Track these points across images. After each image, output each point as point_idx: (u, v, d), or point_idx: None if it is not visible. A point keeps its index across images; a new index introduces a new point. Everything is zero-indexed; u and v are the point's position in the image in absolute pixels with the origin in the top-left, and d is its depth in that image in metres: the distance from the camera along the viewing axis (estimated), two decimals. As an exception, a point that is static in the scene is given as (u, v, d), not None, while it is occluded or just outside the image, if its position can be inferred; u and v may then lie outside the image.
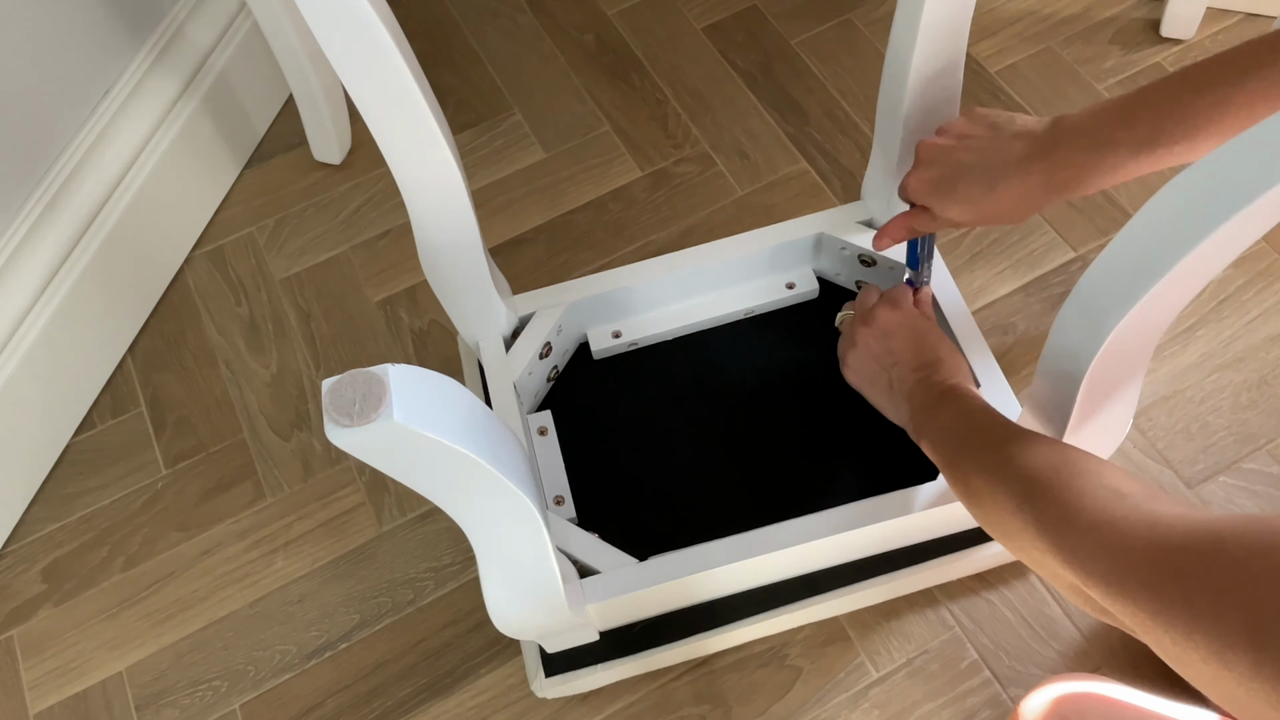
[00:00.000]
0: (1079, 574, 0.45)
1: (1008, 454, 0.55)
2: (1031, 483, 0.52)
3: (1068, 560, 0.46)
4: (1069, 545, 0.47)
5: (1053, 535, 0.48)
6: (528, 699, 0.85)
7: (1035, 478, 0.52)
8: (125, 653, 0.91)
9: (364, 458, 0.47)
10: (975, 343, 0.82)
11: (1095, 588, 0.44)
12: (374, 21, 0.56)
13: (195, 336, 1.08)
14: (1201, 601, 0.37)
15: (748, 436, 0.86)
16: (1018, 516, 0.52)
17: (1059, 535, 0.48)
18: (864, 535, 0.76)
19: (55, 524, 0.97)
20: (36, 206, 0.96)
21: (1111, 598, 0.43)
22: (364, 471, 0.97)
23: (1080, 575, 0.45)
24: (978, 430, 0.62)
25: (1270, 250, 1.02)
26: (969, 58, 1.17)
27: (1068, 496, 0.48)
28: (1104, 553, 0.44)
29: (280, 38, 1.03)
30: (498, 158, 1.18)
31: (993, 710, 0.82)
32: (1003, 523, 0.55)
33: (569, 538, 0.76)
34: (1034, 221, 1.06)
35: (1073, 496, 0.48)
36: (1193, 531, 0.40)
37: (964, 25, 0.71)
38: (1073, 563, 0.46)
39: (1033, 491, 0.51)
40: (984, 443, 0.60)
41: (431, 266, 0.78)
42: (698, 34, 1.26)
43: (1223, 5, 1.18)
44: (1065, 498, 0.49)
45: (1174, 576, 0.39)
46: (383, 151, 0.66)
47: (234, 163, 1.18)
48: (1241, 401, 0.93)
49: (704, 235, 1.09)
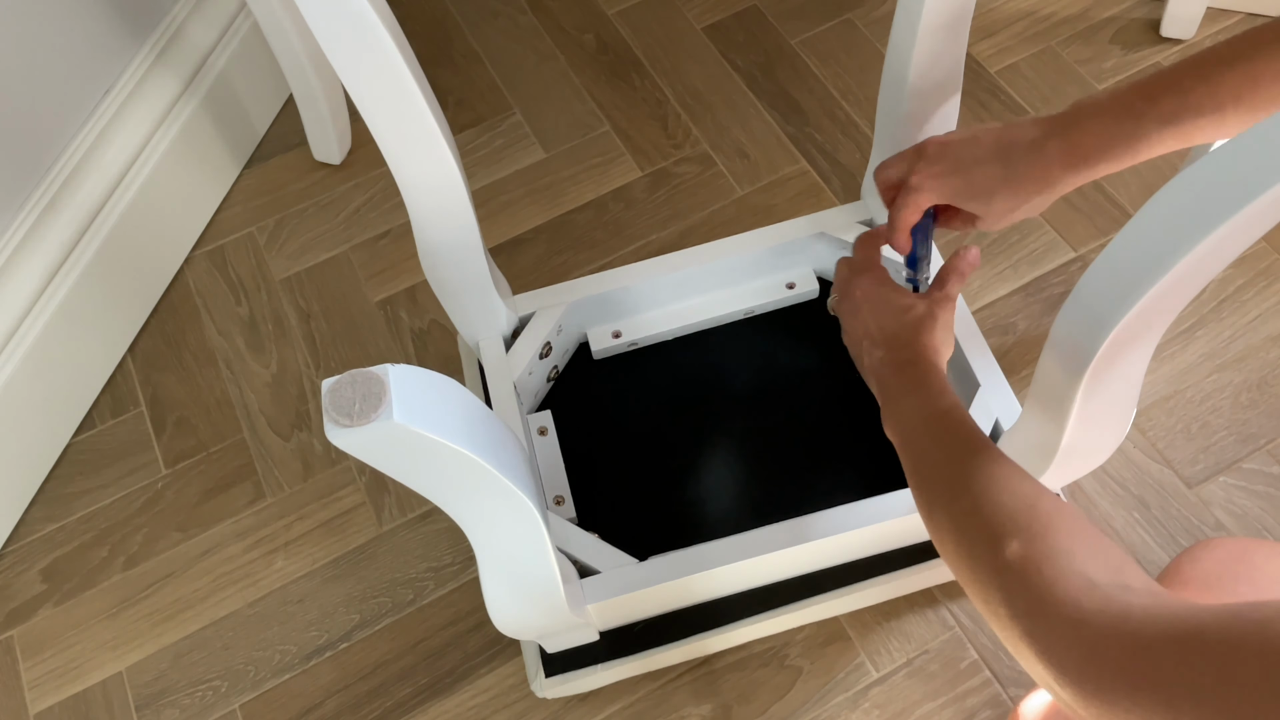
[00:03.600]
0: (1053, 670, 0.43)
1: (971, 500, 0.51)
2: (1002, 565, 0.47)
3: (1041, 653, 0.44)
4: (1040, 634, 0.44)
5: (1025, 623, 0.45)
6: (528, 699, 0.85)
7: (1005, 561, 0.47)
8: (125, 653, 0.91)
9: (364, 458, 0.47)
10: (975, 343, 0.82)
11: (1069, 688, 0.42)
12: (374, 21, 0.56)
13: (195, 336, 1.08)
14: (1184, 704, 0.35)
15: (748, 436, 0.86)
16: (990, 588, 0.48)
17: (1031, 623, 0.45)
18: (864, 535, 0.76)
19: (55, 524, 0.97)
20: (37, 206, 0.96)
21: (1086, 698, 0.41)
22: (364, 471, 0.97)
23: (1054, 671, 0.43)
24: (937, 445, 0.58)
25: (1270, 250, 1.02)
26: (969, 58, 1.17)
27: (1039, 584, 0.45)
28: (1078, 652, 0.41)
29: (280, 38, 1.03)
30: (498, 158, 1.18)
31: (993, 710, 0.82)
32: (971, 578, 0.51)
33: (569, 538, 0.76)
34: (1034, 221, 1.06)
35: (1045, 585, 0.45)
36: (1171, 627, 0.38)
37: (964, 25, 0.71)
38: (1046, 656, 0.43)
39: (1005, 573, 0.47)
40: (946, 472, 0.56)
41: (431, 266, 0.78)
42: (698, 34, 1.26)
43: (1223, 5, 1.18)
44: (1038, 585, 0.45)
45: (1152, 679, 0.37)
46: (383, 151, 0.66)
47: (234, 163, 1.18)
48: (1242, 401, 0.93)
49: (704, 235, 1.09)
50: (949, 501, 0.54)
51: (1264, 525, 0.88)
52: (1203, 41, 1.16)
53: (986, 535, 0.49)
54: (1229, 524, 0.88)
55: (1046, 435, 0.62)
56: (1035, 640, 0.44)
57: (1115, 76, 1.15)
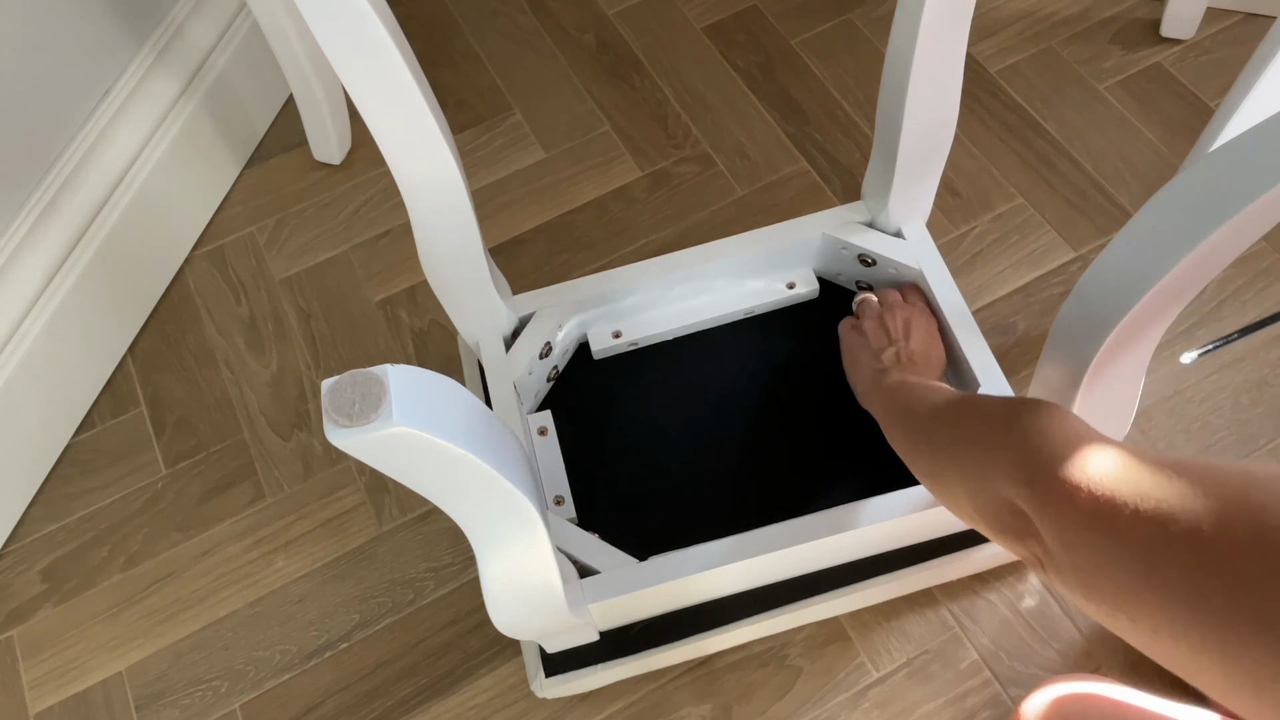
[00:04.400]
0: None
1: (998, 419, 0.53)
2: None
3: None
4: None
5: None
6: (528, 699, 0.85)
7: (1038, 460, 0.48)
8: (125, 653, 0.91)
9: (363, 458, 0.47)
10: (975, 343, 0.82)
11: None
12: (374, 22, 0.56)
13: (195, 336, 1.08)
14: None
15: (748, 436, 0.86)
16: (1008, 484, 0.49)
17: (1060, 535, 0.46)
18: (863, 535, 0.76)
19: (55, 524, 0.97)
20: (37, 206, 0.96)
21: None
22: (364, 471, 0.97)
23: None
24: (953, 403, 0.61)
25: (1270, 250, 1.02)
26: (969, 58, 1.17)
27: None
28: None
29: (280, 38, 1.03)
30: (498, 158, 1.18)
31: (993, 710, 0.82)
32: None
33: (569, 538, 0.76)
34: (1034, 221, 1.06)
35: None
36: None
37: (964, 25, 0.71)
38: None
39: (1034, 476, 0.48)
40: (962, 411, 0.58)
41: (431, 267, 0.78)
42: (698, 34, 1.26)
43: (1223, 5, 1.17)
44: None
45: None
46: (383, 151, 0.66)
47: (234, 163, 1.18)
48: (1242, 402, 0.93)
49: (704, 235, 1.09)
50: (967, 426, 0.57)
51: (1264, 525, 0.87)
52: (1202, 41, 1.16)
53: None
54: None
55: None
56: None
57: (1115, 76, 1.15)
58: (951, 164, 1.10)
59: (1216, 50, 1.16)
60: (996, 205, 1.08)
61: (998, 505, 0.49)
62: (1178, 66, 1.15)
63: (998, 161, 1.11)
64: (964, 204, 1.08)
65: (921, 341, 0.80)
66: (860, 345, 0.82)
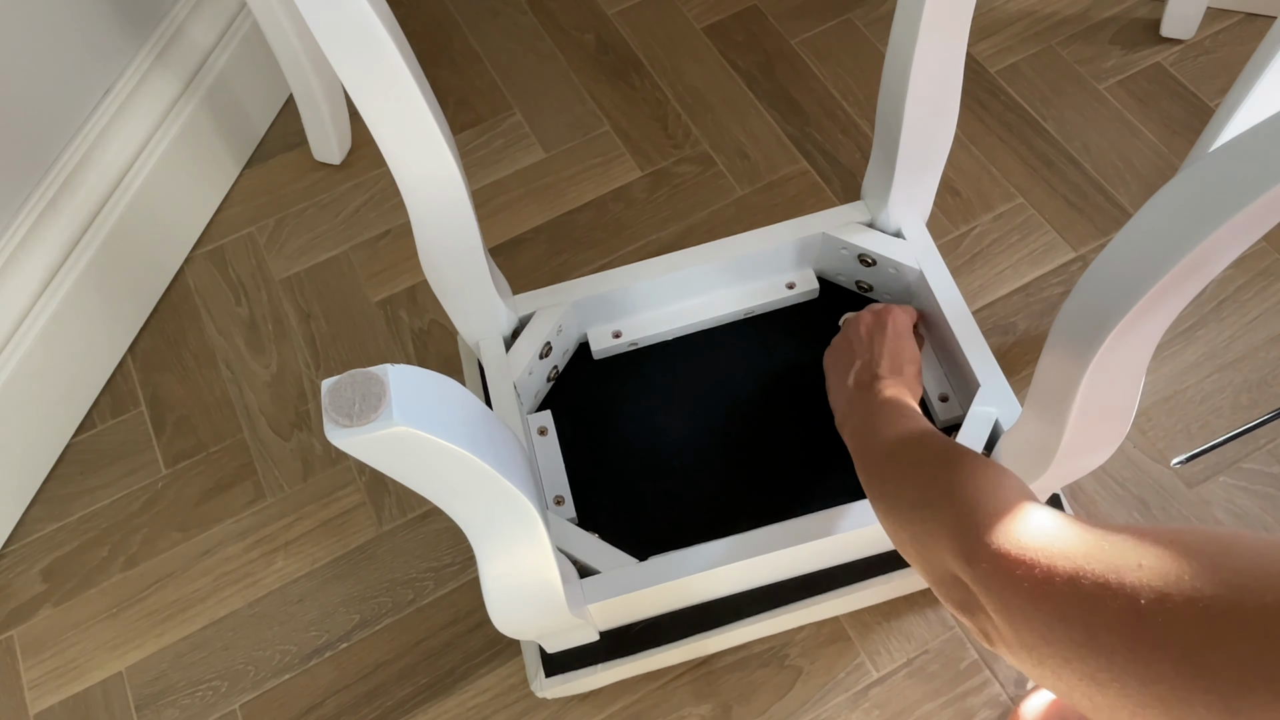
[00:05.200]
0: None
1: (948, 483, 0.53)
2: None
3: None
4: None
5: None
6: (528, 699, 0.85)
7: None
8: (125, 653, 0.91)
9: (363, 458, 0.47)
10: (975, 343, 0.82)
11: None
12: (374, 22, 0.56)
13: (195, 336, 1.08)
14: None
15: (748, 436, 0.86)
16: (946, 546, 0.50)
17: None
18: (864, 535, 0.76)
19: (55, 524, 0.97)
20: (37, 206, 0.96)
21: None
22: (364, 471, 0.97)
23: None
24: (913, 442, 0.61)
25: (1270, 250, 1.02)
26: (969, 58, 1.17)
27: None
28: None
29: (280, 38, 1.03)
30: (498, 158, 1.18)
31: (993, 710, 0.82)
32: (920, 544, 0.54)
33: (569, 538, 0.76)
34: (1034, 221, 1.06)
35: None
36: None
37: (964, 25, 0.71)
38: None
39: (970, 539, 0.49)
40: (919, 457, 0.59)
41: (431, 266, 0.78)
42: (698, 34, 1.26)
43: (1223, 5, 1.18)
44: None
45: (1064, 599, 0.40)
46: (383, 151, 0.66)
47: (234, 163, 1.18)
48: (1242, 402, 0.93)
49: (704, 235, 1.09)
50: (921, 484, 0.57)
51: (1264, 525, 0.88)
52: (1202, 41, 1.16)
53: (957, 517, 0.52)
54: (1229, 523, 0.88)
55: (1046, 435, 0.62)
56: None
57: (1115, 76, 1.15)
58: (951, 164, 1.10)
59: (1216, 50, 1.16)
60: (996, 205, 1.08)
61: (944, 576, 0.50)
62: (1178, 66, 1.15)
63: (997, 161, 1.11)
64: (964, 204, 1.08)
65: (888, 341, 0.77)
66: (833, 369, 0.80)
